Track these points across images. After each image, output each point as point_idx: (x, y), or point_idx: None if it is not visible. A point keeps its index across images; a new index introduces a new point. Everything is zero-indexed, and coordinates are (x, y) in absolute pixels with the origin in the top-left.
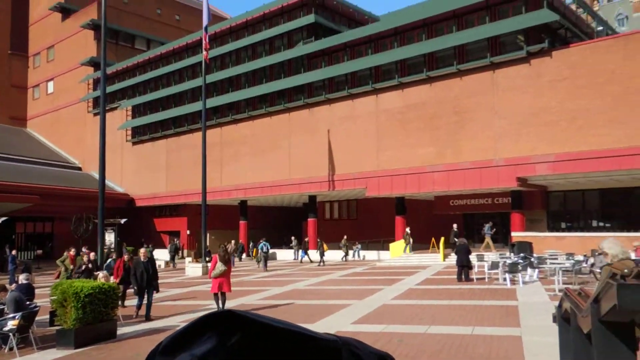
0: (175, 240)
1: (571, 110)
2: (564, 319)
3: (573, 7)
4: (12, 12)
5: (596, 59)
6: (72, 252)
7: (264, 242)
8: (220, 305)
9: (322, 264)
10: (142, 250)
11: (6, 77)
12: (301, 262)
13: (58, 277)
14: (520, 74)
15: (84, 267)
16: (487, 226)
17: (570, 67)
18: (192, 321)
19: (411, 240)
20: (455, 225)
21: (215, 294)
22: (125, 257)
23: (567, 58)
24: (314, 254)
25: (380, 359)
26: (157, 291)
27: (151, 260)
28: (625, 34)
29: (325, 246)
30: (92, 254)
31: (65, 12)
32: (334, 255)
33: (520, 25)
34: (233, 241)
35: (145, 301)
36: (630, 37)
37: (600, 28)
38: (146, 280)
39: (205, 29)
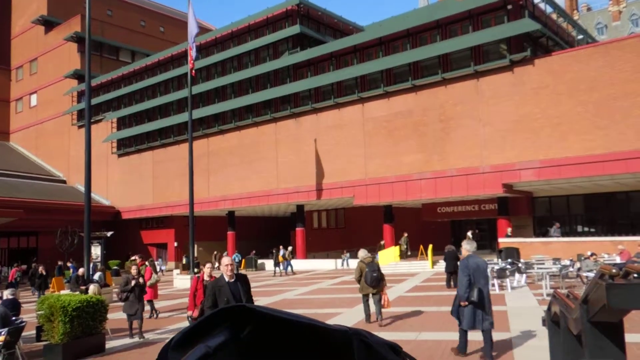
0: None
1: (554, 117)
2: (553, 322)
3: (554, 16)
4: None
5: (577, 66)
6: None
7: (236, 254)
8: (150, 308)
9: (277, 274)
10: (225, 262)
11: None
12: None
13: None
14: (504, 82)
15: (133, 282)
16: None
17: (553, 75)
18: (206, 315)
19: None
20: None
21: (150, 300)
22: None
23: (550, 66)
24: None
25: (389, 347)
26: None
27: (242, 279)
28: (605, 42)
29: (280, 257)
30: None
31: (48, 25)
32: (321, 265)
33: (502, 34)
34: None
35: None
36: (610, 45)
37: (581, 37)
38: None
39: (192, 42)
